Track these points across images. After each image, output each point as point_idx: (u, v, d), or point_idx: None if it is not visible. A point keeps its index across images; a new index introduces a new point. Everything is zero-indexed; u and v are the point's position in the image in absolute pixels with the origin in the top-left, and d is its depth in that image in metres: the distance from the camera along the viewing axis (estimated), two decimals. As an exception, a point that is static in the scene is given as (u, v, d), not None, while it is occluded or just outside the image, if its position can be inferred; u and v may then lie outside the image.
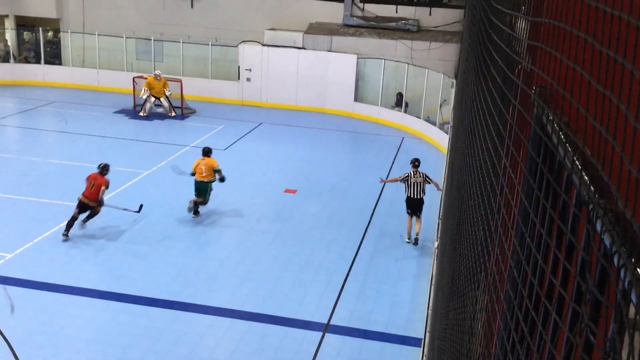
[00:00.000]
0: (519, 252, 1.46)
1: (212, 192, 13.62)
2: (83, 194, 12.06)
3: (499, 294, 1.72)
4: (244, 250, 12.17)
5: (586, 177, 1.06)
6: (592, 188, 1.02)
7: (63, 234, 11.90)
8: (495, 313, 1.76)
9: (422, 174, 13.04)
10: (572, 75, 1.20)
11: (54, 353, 8.47)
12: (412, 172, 13.00)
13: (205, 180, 13.33)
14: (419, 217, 12.93)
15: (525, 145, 1.57)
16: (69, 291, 10.16)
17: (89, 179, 12.25)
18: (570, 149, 1.17)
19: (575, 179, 1.09)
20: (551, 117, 1.34)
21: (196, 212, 13.46)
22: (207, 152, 13.70)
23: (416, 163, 13.18)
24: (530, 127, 1.52)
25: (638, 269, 0.80)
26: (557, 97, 1.42)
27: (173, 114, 22.51)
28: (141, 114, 22.33)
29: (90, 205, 12.13)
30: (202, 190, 13.38)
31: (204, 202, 13.49)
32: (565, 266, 1.17)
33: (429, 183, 13.03)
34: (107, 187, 12.23)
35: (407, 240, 12.95)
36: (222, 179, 13.41)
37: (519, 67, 1.94)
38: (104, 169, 12.36)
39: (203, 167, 13.33)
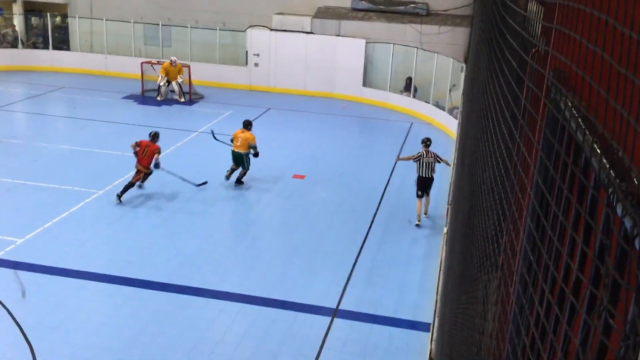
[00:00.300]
0: (534, 235, 1.45)
1: (250, 162, 14.44)
2: (139, 162, 13.27)
3: (513, 278, 1.72)
4: (253, 236, 12.21)
5: (605, 161, 1.05)
6: (612, 172, 1.01)
7: (117, 196, 13.02)
8: (509, 296, 1.76)
9: (433, 153, 13.31)
10: (589, 58, 1.19)
11: (65, 337, 8.56)
12: (424, 152, 13.22)
13: (239, 151, 14.24)
14: (428, 194, 13.31)
15: (540, 128, 1.56)
16: (80, 276, 10.24)
17: (140, 146, 13.31)
18: (588, 132, 1.17)
19: (595, 162, 1.09)
20: (568, 100, 1.33)
21: (238, 181, 14.44)
22: (247, 124, 14.53)
23: (428, 142, 13.43)
24: (547, 110, 1.51)
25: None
26: (573, 80, 1.41)
27: (182, 99, 22.55)
28: (158, 98, 22.48)
29: (145, 171, 13.37)
30: (238, 159, 14.33)
31: (245, 170, 14.41)
32: (583, 249, 1.16)
33: (439, 162, 13.31)
34: (159, 153, 13.44)
35: (417, 223, 13.06)
36: (255, 154, 14.32)
37: (534, 50, 1.92)
38: (155, 136, 13.58)
39: (240, 138, 14.24)
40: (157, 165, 13.42)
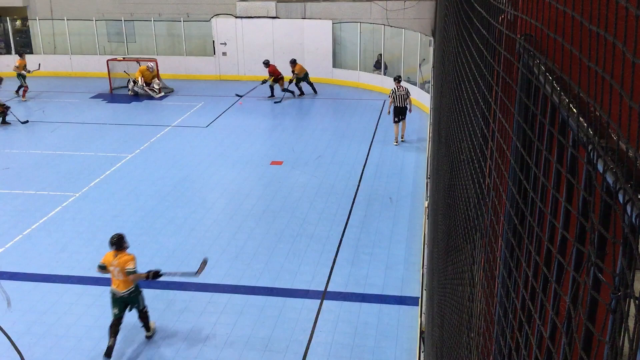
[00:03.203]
0: (517, 198, 1.47)
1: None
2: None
3: (497, 239, 1.74)
4: (236, 226, 12.19)
5: (583, 120, 1.07)
6: (590, 130, 1.03)
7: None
8: (495, 259, 1.78)
9: (404, 88, 16.64)
10: (560, 19, 1.20)
11: (55, 342, 8.50)
12: (395, 87, 16.50)
13: (124, 292, 8.48)
14: (404, 119, 16.68)
15: (514, 93, 1.58)
16: (64, 280, 10.15)
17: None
18: (563, 93, 1.18)
19: (572, 122, 1.10)
20: (541, 64, 1.35)
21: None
22: (117, 243, 8.52)
23: (399, 79, 16.84)
24: (520, 75, 1.52)
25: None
26: (544, 43, 1.42)
27: (157, 96, 22.38)
28: (130, 93, 22.37)
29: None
30: (127, 301, 8.59)
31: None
32: (567, 208, 1.18)
33: (408, 97, 16.59)
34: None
35: (395, 143, 16.58)
36: (154, 276, 8.70)
37: (502, 16, 1.93)
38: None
39: (116, 267, 8.46)
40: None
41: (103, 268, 8.43)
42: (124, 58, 23.44)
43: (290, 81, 21.96)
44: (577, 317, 1.07)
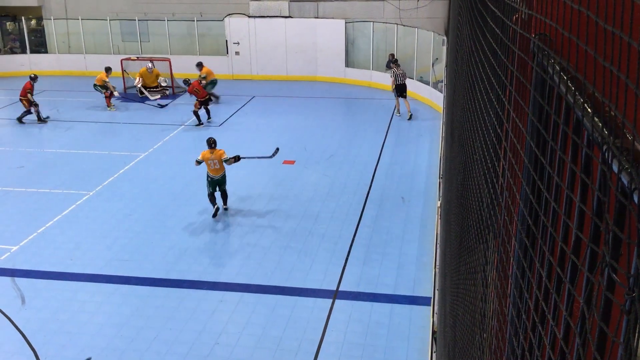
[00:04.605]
0: (531, 198, 1.47)
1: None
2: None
3: (511, 240, 1.74)
4: (248, 225, 12.21)
5: (597, 119, 1.06)
6: (605, 130, 1.02)
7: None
8: (508, 259, 1.78)
9: (402, 69, 19.02)
10: (575, 18, 1.20)
11: (68, 339, 8.56)
12: (395, 68, 18.86)
13: (220, 175, 12.39)
14: (405, 97, 18.84)
15: (528, 92, 1.57)
16: (77, 278, 10.22)
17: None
18: (578, 93, 1.17)
19: (587, 121, 1.10)
20: (556, 63, 1.34)
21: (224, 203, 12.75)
22: (212, 143, 12.36)
23: (394, 59, 19.43)
24: (534, 74, 1.52)
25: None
26: (559, 43, 1.42)
27: (153, 98, 22.19)
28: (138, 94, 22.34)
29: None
30: (221, 181, 12.46)
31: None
32: (581, 208, 1.17)
33: (406, 76, 18.98)
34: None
35: (397, 114, 19.18)
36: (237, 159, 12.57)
37: (516, 15, 1.93)
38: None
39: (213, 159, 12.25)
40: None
41: (200, 162, 12.28)
42: (137, 57, 23.54)
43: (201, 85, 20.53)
44: (591, 318, 1.06)
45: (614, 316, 0.99)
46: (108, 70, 20.94)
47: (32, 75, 19.98)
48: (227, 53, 24.90)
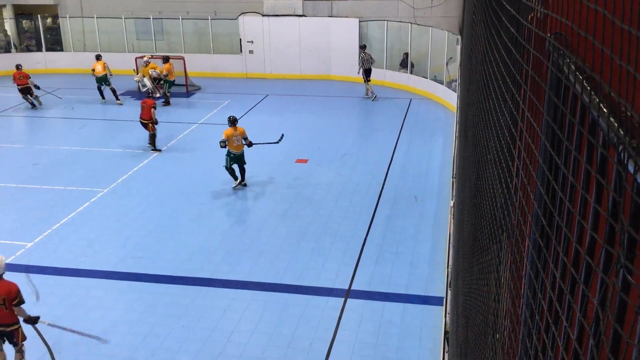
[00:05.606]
0: (545, 199, 1.46)
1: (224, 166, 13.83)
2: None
3: (524, 240, 1.73)
4: (260, 223, 12.24)
5: (613, 120, 1.05)
6: (620, 130, 1.02)
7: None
8: (522, 259, 1.77)
9: (369, 54, 21.25)
10: (591, 18, 1.19)
11: (81, 336, 8.61)
12: (363, 54, 21.10)
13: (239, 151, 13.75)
14: (369, 81, 21.14)
15: (543, 92, 1.56)
16: (91, 275, 10.30)
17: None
18: (594, 93, 1.17)
19: (602, 122, 1.09)
20: (571, 62, 1.33)
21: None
22: (234, 120, 13.75)
23: (364, 46, 21.68)
24: (549, 73, 1.51)
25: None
26: (575, 42, 1.41)
27: (157, 94, 22.01)
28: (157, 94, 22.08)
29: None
30: (240, 158, 13.77)
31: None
32: (596, 209, 1.17)
33: (373, 61, 21.27)
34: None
35: (365, 96, 21.35)
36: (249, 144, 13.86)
37: (531, 14, 1.91)
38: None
39: (236, 136, 13.63)
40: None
41: (224, 142, 13.25)
42: (152, 56, 23.62)
43: (160, 80, 21.15)
44: (605, 319, 1.06)
45: (628, 318, 0.98)
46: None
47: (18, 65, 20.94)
48: (241, 52, 24.96)
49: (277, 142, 14.44)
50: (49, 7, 26.85)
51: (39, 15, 26.49)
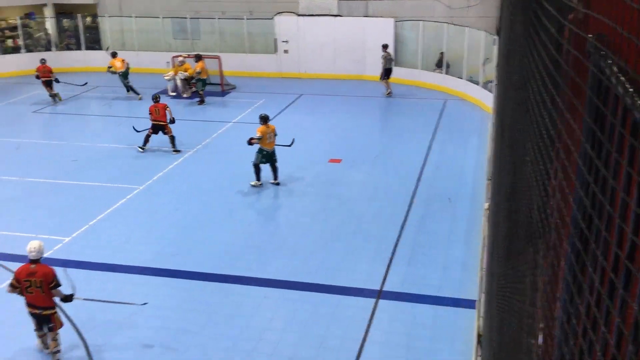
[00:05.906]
0: (585, 201, 1.44)
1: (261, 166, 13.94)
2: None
3: (562, 243, 1.70)
4: (293, 222, 12.28)
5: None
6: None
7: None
8: (559, 263, 1.74)
9: (389, 52, 21.76)
10: (633, 19, 1.17)
11: (115, 330, 8.77)
12: (385, 53, 21.33)
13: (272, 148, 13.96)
14: (388, 79, 21.72)
15: (584, 93, 1.54)
16: (127, 270, 10.46)
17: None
18: (636, 95, 1.15)
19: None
20: (613, 64, 1.31)
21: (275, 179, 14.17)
22: (266, 118, 13.90)
23: (386, 46, 21.72)
24: (590, 75, 1.48)
25: None
26: (617, 43, 1.38)
27: (185, 95, 22.22)
28: (185, 94, 22.31)
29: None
30: (272, 155, 13.97)
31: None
32: (636, 212, 1.15)
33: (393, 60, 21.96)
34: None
35: (388, 94, 21.65)
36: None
37: (572, 14, 1.89)
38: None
39: (269, 133, 13.80)
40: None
41: (259, 139, 13.44)
42: (188, 55, 23.87)
43: (192, 79, 21.51)
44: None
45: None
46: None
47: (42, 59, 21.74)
48: (276, 51, 25.06)
49: (289, 146, 14.56)
50: (89, 6, 27.34)
51: (78, 15, 26.99)
